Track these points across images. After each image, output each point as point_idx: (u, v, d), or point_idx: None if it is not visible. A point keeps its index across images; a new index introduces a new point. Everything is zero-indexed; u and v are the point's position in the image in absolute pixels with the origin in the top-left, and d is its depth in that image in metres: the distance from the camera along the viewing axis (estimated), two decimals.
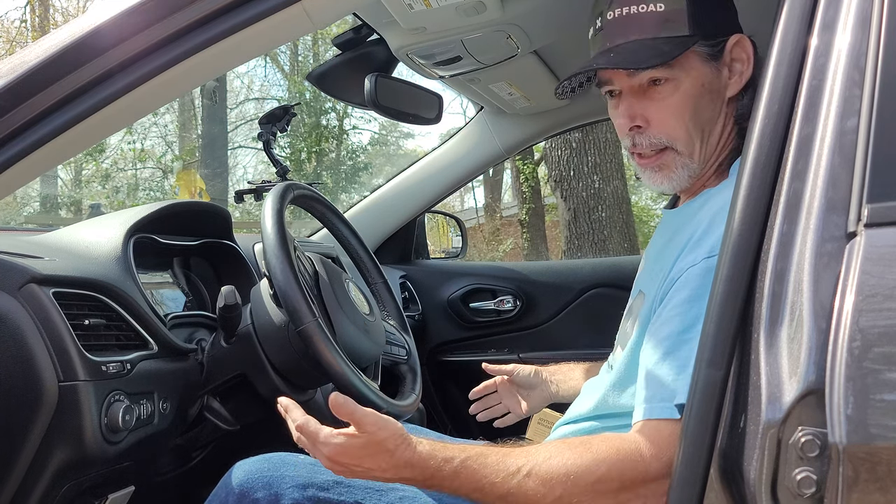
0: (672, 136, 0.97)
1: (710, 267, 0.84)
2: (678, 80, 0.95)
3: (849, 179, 0.66)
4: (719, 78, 0.98)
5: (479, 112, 2.15)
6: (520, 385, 1.37)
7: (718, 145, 1.00)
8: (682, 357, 0.84)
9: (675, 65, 0.94)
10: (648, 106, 0.97)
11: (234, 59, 0.97)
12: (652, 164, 1.00)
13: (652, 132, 0.98)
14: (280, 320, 1.21)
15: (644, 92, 0.97)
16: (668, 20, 0.94)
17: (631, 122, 0.98)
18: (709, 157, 1.00)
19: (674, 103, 0.96)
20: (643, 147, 0.99)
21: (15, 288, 0.98)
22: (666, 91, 0.96)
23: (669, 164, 0.99)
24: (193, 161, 12.90)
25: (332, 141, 15.04)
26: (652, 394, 0.85)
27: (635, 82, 0.97)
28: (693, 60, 0.96)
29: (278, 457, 1.03)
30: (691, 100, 0.96)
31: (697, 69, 0.96)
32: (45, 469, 0.99)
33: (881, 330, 0.60)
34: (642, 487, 0.81)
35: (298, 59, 15.66)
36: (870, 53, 0.68)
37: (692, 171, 0.99)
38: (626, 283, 1.15)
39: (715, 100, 0.98)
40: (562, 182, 5.66)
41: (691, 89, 0.96)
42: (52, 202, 12.77)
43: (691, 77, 0.95)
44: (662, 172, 0.99)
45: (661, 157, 0.99)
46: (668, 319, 0.88)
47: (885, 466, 0.59)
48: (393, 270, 2.16)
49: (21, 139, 0.90)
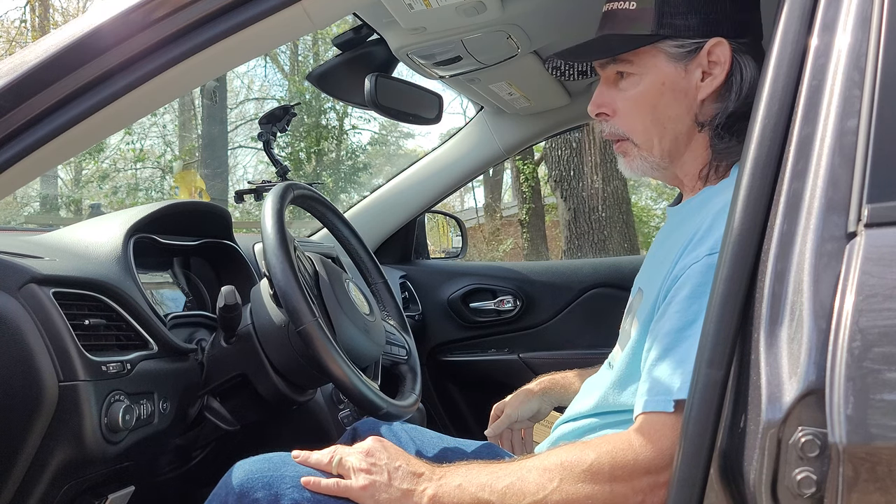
0: (629, 128, 1.03)
1: (711, 264, 0.85)
2: (641, 74, 1.00)
3: (849, 179, 0.66)
4: (688, 78, 0.98)
5: (479, 112, 2.15)
6: (522, 419, 1.35)
7: (691, 146, 1.01)
8: (680, 352, 0.85)
9: (636, 61, 0.99)
10: (616, 97, 1.03)
11: (234, 59, 0.97)
12: (617, 150, 1.07)
13: (615, 122, 1.04)
14: (280, 320, 1.21)
15: (615, 83, 1.03)
16: (636, 18, 0.98)
17: (596, 108, 1.05)
18: (676, 155, 1.02)
19: (634, 97, 1.01)
20: (607, 134, 1.06)
21: (15, 288, 0.98)
22: (628, 84, 1.01)
23: (629, 153, 1.05)
24: (193, 161, 12.90)
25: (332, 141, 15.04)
26: (649, 388, 0.86)
27: (607, 73, 1.04)
28: (657, 59, 0.99)
29: (278, 457, 1.03)
30: (651, 96, 0.99)
31: (660, 67, 0.99)
32: (45, 469, 0.99)
33: (881, 330, 0.60)
34: (636, 479, 0.82)
35: (298, 59, 15.66)
36: (870, 54, 0.68)
37: (653, 164, 1.04)
38: (627, 283, 1.15)
39: (679, 99, 0.99)
40: (562, 182, 5.67)
41: (651, 86, 0.99)
42: (51, 202, 12.78)
43: (652, 74, 0.99)
44: (625, 159, 1.06)
45: (622, 145, 1.05)
46: (669, 316, 0.88)
47: (885, 467, 0.59)
48: (393, 270, 2.16)
49: (21, 139, 0.90)
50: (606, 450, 0.83)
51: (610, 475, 0.82)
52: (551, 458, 0.86)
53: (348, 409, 1.43)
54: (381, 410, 1.14)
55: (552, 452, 0.88)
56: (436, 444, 1.29)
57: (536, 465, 0.86)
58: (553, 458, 0.86)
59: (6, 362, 0.94)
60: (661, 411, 0.83)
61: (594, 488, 0.82)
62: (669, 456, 0.79)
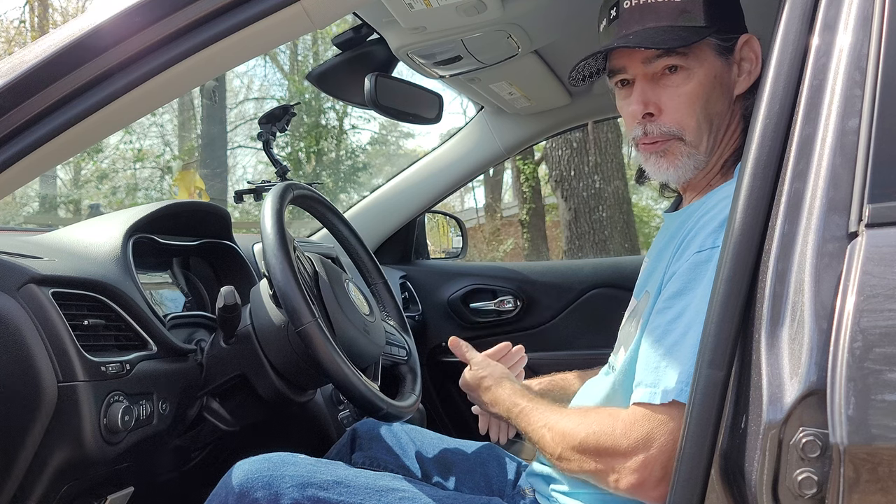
0: (683, 125, 0.98)
1: (698, 261, 0.87)
2: (692, 69, 0.97)
3: (850, 179, 0.65)
4: (730, 73, 1.00)
5: (479, 112, 2.14)
6: None
7: (723, 141, 1.01)
8: (666, 345, 0.87)
9: (690, 54, 0.96)
10: (662, 93, 0.98)
11: (234, 59, 0.97)
12: (658, 149, 1.00)
13: (663, 121, 0.99)
14: (280, 321, 1.20)
15: (658, 80, 0.99)
16: (685, 10, 0.96)
17: (644, 108, 0.99)
18: (715, 150, 1.01)
19: (687, 92, 0.97)
20: (654, 136, 1.00)
21: (14, 288, 0.98)
22: (680, 79, 0.97)
23: (675, 152, 0.99)
24: (193, 161, 12.90)
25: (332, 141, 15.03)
26: (640, 380, 0.89)
27: (650, 69, 0.98)
28: (707, 52, 0.97)
29: (278, 457, 1.03)
30: (704, 90, 0.97)
31: (711, 61, 0.97)
32: (44, 469, 0.99)
33: (882, 330, 0.60)
34: (613, 460, 0.87)
35: (298, 59, 15.64)
36: (871, 54, 0.68)
37: (698, 162, 1.00)
38: (627, 283, 1.15)
39: (725, 94, 0.99)
40: (562, 182, 5.66)
41: (704, 80, 0.97)
42: (51, 202, 12.77)
43: (704, 68, 0.97)
44: (666, 158, 1.00)
45: (669, 145, 0.99)
46: (658, 312, 0.91)
47: (886, 467, 0.59)
48: (393, 271, 2.16)
49: (21, 139, 0.89)
50: (594, 430, 0.90)
51: (595, 453, 0.90)
52: (562, 422, 0.97)
53: (348, 409, 1.42)
54: (380, 411, 1.13)
55: (563, 416, 0.99)
56: (436, 444, 1.29)
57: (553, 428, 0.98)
58: (563, 423, 0.97)
59: (5, 363, 0.94)
60: (646, 402, 0.86)
61: (584, 460, 0.91)
62: (645, 443, 0.85)
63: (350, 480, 1.02)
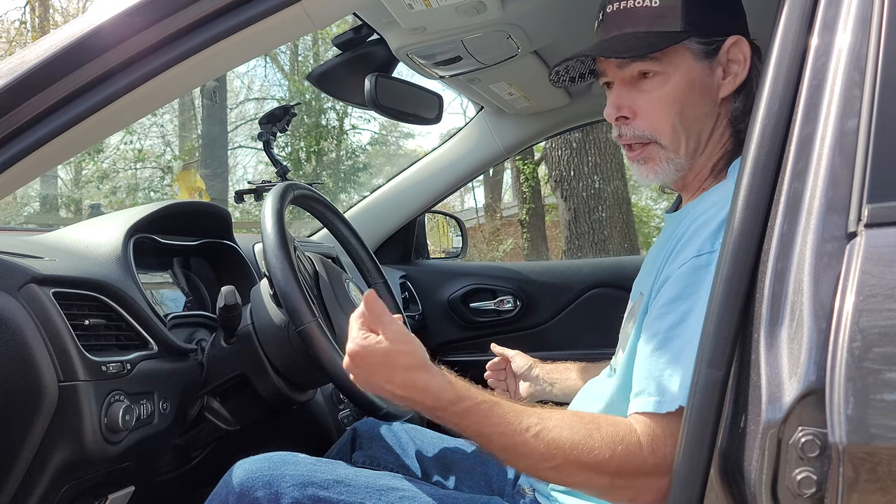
0: (656, 129, 0.99)
1: (697, 265, 0.86)
2: (667, 74, 0.97)
3: (849, 179, 0.66)
4: (711, 77, 0.98)
5: (479, 112, 2.15)
6: (515, 373, 1.40)
7: (709, 145, 1.01)
8: (669, 353, 0.85)
9: (664, 59, 0.96)
10: (637, 98, 0.99)
11: (234, 59, 0.97)
12: (638, 157, 1.01)
13: (637, 124, 1.00)
14: (280, 320, 1.21)
15: (634, 84, 0.99)
16: (662, 16, 0.96)
17: (617, 111, 1.00)
18: (697, 154, 1.01)
19: (661, 97, 0.97)
20: (628, 138, 1.01)
21: (15, 288, 0.98)
22: (654, 84, 0.98)
23: (654, 157, 1.00)
24: (193, 161, 12.90)
25: (332, 141, 15.03)
26: (643, 388, 0.86)
27: (626, 74, 0.99)
28: (684, 56, 0.97)
29: (278, 456, 1.03)
30: (679, 95, 0.97)
31: (687, 65, 0.97)
32: (45, 469, 0.99)
33: (881, 330, 0.60)
34: (636, 479, 0.83)
35: (298, 59, 15.64)
36: (870, 54, 0.68)
37: (678, 166, 1.00)
38: (627, 283, 1.15)
39: (705, 98, 0.99)
40: (562, 182, 5.66)
41: (680, 85, 0.97)
42: (51, 202, 12.77)
43: (680, 72, 0.97)
44: (648, 165, 1.01)
45: (646, 150, 1.00)
46: (657, 317, 0.89)
47: (885, 467, 0.59)
48: (393, 270, 2.16)
49: (21, 139, 0.90)
50: (617, 450, 0.82)
51: (615, 472, 0.83)
52: (558, 431, 0.84)
53: (348, 409, 1.43)
54: (380, 411, 1.14)
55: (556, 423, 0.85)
56: (436, 444, 1.29)
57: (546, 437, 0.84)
58: (561, 433, 0.84)
59: (6, 362, 0.94)
60: (655, 412, 0.83)
61: (593, 477, 0.83)
62: (670, 461, 0.78)
63: (350, 480, 1.02)
